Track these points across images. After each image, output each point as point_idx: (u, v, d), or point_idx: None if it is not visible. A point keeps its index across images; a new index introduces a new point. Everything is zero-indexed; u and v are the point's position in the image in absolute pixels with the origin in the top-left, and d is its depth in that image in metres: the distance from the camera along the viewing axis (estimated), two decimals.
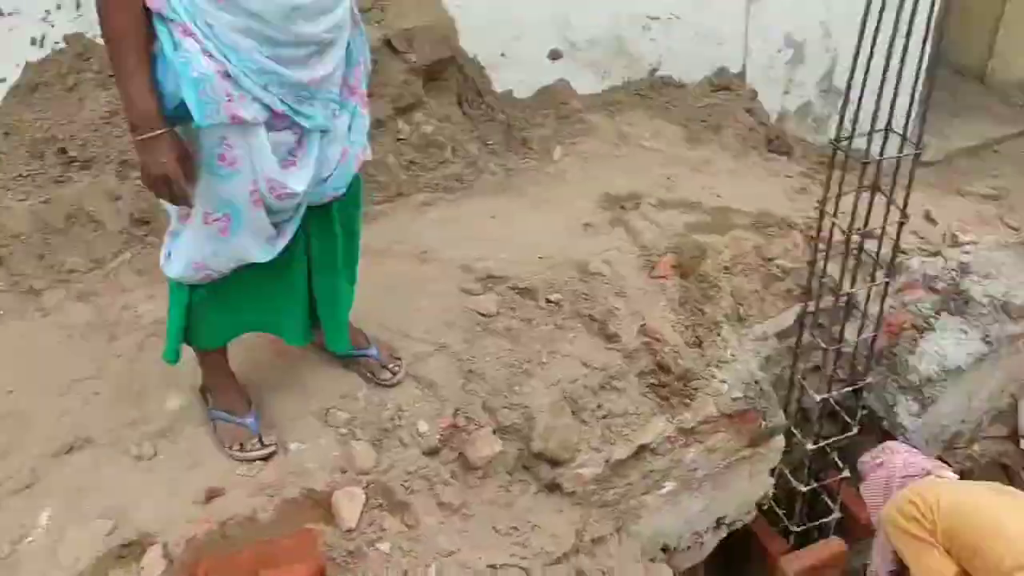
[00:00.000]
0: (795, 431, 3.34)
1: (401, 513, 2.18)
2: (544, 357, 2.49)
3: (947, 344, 3.29)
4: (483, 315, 2.58)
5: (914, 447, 3.03)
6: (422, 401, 2.36)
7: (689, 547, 3.02)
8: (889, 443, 3.03)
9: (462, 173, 3.25)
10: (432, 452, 2.30)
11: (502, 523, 2.28)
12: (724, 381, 2.71)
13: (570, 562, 2.44)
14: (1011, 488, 2.72)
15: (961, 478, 2.89)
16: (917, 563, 2.66)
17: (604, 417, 2.53)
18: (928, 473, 2.78)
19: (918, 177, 3.01)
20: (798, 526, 3.49)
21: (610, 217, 3.04)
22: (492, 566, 2.17)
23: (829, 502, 3.50)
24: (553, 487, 2.47)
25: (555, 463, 2.42)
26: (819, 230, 2.88)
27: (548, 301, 2.63)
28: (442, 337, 2.52)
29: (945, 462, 2.96)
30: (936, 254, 3.47)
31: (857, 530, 3.57)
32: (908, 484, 2.78)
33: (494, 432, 2.35)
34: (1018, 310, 3.25)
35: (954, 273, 3.33)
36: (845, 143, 2.64)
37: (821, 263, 2.93)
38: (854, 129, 2.66)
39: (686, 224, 3.05)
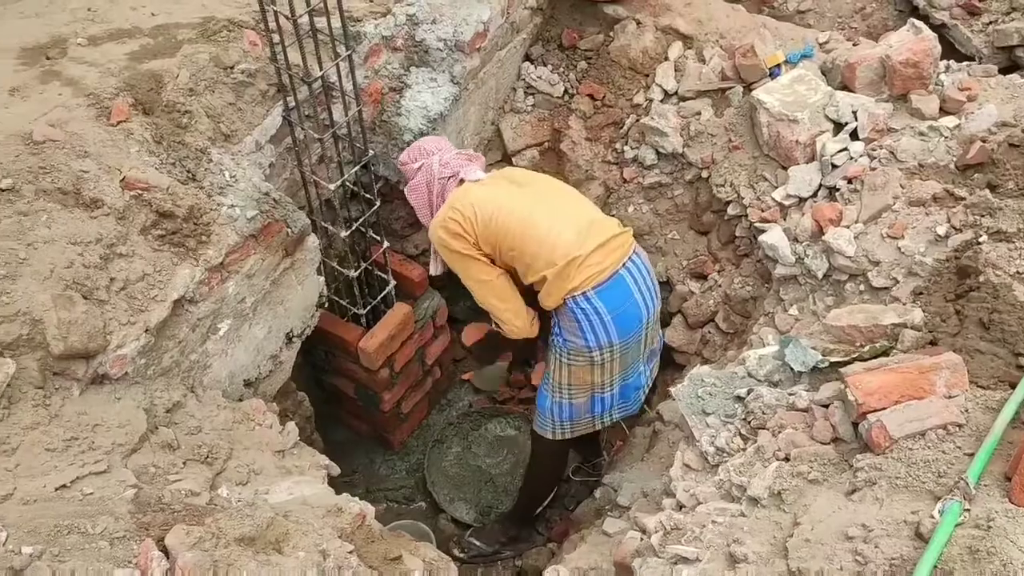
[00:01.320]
0: (326, 224, 3.43)
1: None
2: (23, 253, 2.18)
3: (424, 96, 3.50)
4: None
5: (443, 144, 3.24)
6: None
7: (271, 371, 3.05)
8: (424, 143, 3.21)
9: None
10: None
11: (55, 440, 2.07)
12: (234, 206, 2.63)
13: (151, 441, 2.33)
14: (526, 176, 3.14)
15: None
16: (467, 275, 3.08)
17: (123, 288, 2.34)
18: (460, 179, 3.07)
19: None
20: (364, 308, 3.70)
21: (38, 73, 2.64)
22: (63, 486, 1.99)
23: (382, 275, 3.73)
24: (99, 379, 2.28)
25: (89, 356, 2.22)
26: (266, 22, 2.79)
27: (0, 191, 2.27)
28: None
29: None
30: (387, 13, 3.59)
31: (414, 288, 3.88)
32: (446, 186, 3.09)
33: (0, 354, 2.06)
34: (469, 45, 3.55)
35: (406, 27, 3.50)
36: None
37: (282, 55, 2.88)
38: None
39: (129, 55, 2.76)
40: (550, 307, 2.99)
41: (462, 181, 3.08)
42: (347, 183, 3.40)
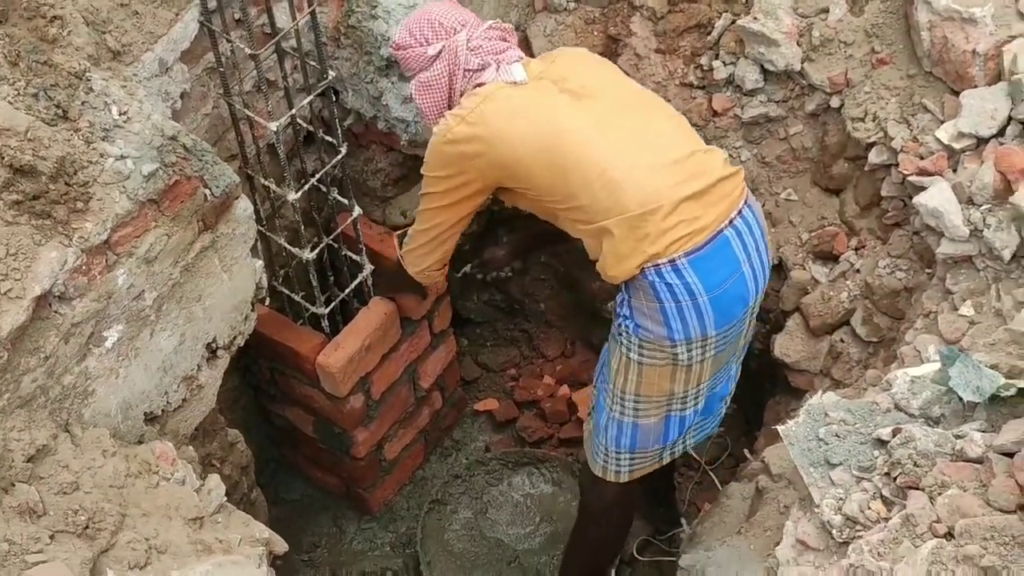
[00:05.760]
0: (267, 183, 3.44)
1: None
2: None
3: None
4: None
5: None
6: None
7: (186, 399, 3.09)
8: (437, 13, 3.14)
9: None
10: None
11: None
12: (124, 156, 2.65)
13: (4, 504, 2.37)
14: (586, 79, 3.08)
15: None
16: (429, 204, 3.18)
17: None
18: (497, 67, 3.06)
19: None
20: (326, 305, 3.71)
21: None
22: None
23: (352, 256, 3.74)
24: None
25: None
26: None
27: None
28: None
29: None
30: None
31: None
32: (474, 82, 3.08)
33: None
34: None
35: None
36: None
37: None
38: None
39: None
40: (618, 278, 3.01)
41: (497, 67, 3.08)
42: (298, 121, 3.41)
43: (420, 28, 3.14)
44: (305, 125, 3.49)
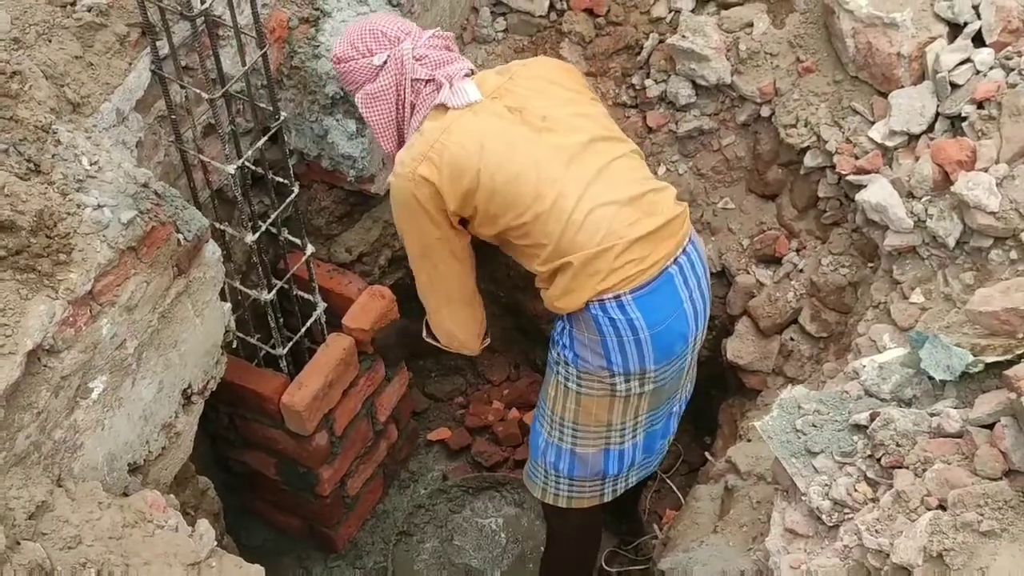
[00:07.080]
0: (221, 226, 3.44)
1: None
2: None
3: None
4: None
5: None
6: None
7: (165, 447, 3.06)
8: (379, 23, 3.11)
9: None
10: None
11: None
12: (101, 206, 2.64)
13: (14, 563, 2.32)
14: (522, 91, 3.07)
15: None
16: (422, 252, 3.10)
17: None
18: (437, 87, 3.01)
19: None
20: (284, 345, 3.71)
21: None
22: None
23: (305, 295, 3.75)
24: None
25: None
26: None
27: None
28: None
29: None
30: None
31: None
32: (422, 95, 3.03)
33: None
34: None
35: None
36: None
37: None
38: None
39: None
40: (563, 310, 3.04)
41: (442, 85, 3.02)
42: (248, 163, 3.42)
43: (362, 39, 3.09)
44: (251, 167, 3.50)
